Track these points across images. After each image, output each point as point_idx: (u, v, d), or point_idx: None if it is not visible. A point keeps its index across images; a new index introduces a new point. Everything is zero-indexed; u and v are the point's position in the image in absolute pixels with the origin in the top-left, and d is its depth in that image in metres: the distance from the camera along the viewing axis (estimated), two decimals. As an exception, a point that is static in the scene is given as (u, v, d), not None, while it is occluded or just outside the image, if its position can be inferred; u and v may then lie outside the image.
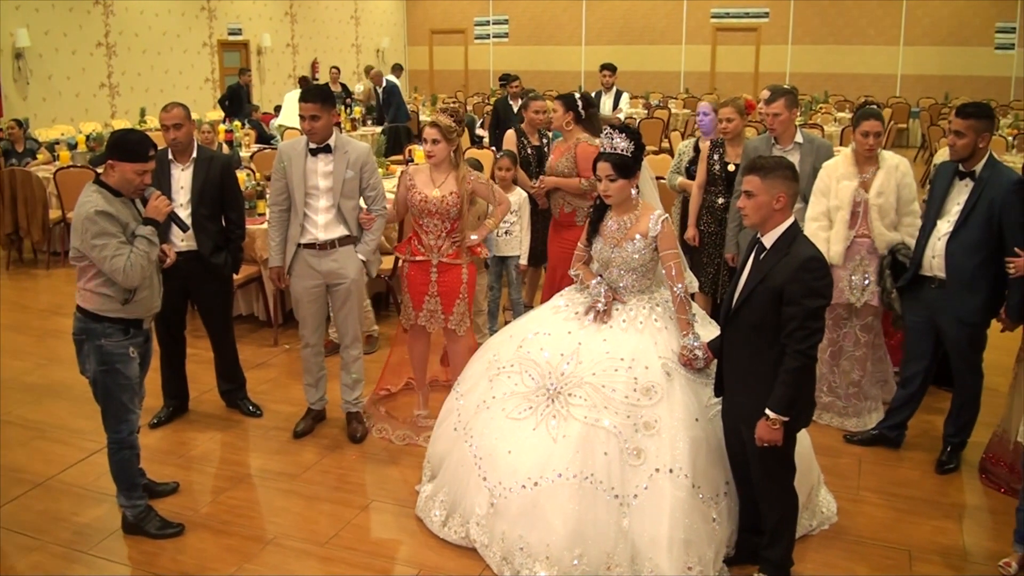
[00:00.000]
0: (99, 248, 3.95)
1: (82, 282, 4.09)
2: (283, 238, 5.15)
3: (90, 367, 4.13)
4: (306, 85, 14.93)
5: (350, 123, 14.56)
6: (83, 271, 4.08)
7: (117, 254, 3.96)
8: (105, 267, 3.97)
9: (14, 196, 9.51)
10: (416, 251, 5.16)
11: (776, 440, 3.49)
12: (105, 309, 4.07)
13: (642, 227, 4.15)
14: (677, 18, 22.12)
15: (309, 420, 5.50)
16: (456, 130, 5.02)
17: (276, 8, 19.89)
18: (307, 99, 4.94)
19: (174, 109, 5.27)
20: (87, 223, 3.95)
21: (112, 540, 4.31)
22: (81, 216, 3.97)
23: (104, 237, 3.95)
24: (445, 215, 5.01)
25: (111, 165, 4.05)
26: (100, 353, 4.09)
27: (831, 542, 4.25)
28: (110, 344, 4.09)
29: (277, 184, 5.11)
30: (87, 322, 4.09)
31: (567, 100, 6.12)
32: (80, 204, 4.02)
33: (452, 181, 5.01)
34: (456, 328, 5.20)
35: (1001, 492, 4.69)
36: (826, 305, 3.50)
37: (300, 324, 5.35)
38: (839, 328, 5.40)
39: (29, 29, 13.69)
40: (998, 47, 19.51)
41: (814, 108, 16.77)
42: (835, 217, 5.17)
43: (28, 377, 6.41)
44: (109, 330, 4.09)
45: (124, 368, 4.14)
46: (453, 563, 4.07)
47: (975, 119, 4.56)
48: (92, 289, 4.05)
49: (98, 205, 3.97)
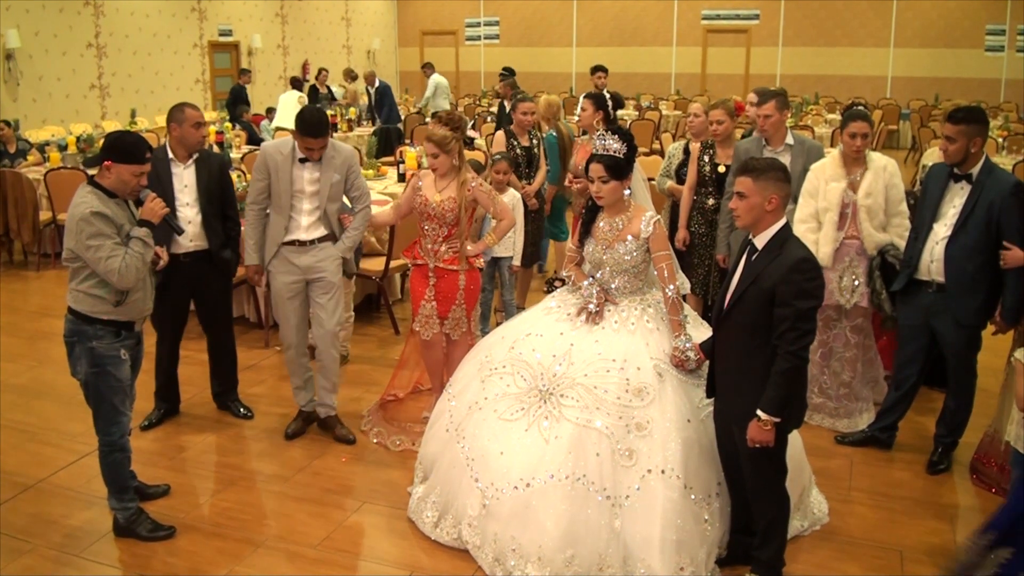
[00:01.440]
0: (94, 249, 3.94)
1: (74, 283, 4.07)
2: (261, 236, 5.16)
3: (81, 369, 4.11)
4: (298, 85, 15.00)
5: (346, 124, 14.54)
6: (76, 272, 4.06)
7: (112, 255, 3.95)
8: (99, 268, 3.96)
9: (4, 198, 9.47)
10: (418, 255, 5.18)
11: (767, 441, 3.50)
12: (97, 311, 4.06)
13: (634, 228, 4.16)
14: (668, 20, 22.16)
15: (300, 421, 5.49)
16: (453, 137, 4.98)
17: (267, 9, 19.85)
18: (317, 135, 4.86)
19: (197, 109, 5.34)
20: (82, 224, 3.93)
21: (103, 543, 4.29)
22: (76, 217, 3.95)
23: (99, 238, 3.94)
24: (442, 220, 5.01)
25: (107, 167, 4.03)
26: (91, 355, 4.08)
27: (823, 543, 4.26)
28: (101, 346, 4.08)
29: (259, 184, 5.08)
30: (78, 324, 4.07)
31: (598, 100, 6.16)
32: (74, 205, 4.00)
33: (453, 187, 5.01)
34: (450, 332, 5.20)
35: (992, 492, 4.71)
36: (817, 306, 3.50)
37: (280, 325, 5.32)
38: (829, 329, 5.41)
39: (19, 30, 13.62)
40: (988, 49, 19.59)
41: (805, 110, 16.80)
42: (824, 219, 5.18)
43: (19, 379, 6.39)
44: (100, 332, 4.08)
45: (115, 370, 4.13)
46: (445, 564, 4.07)
47: (966, 124, 4.57)
48: (84, 290, 4.04)
49: (93, 206, 3.95)
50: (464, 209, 5.02)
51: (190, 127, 5.23)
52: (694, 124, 6.77)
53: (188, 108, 5.25)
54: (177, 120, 5.23)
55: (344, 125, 14.31)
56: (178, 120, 5.22)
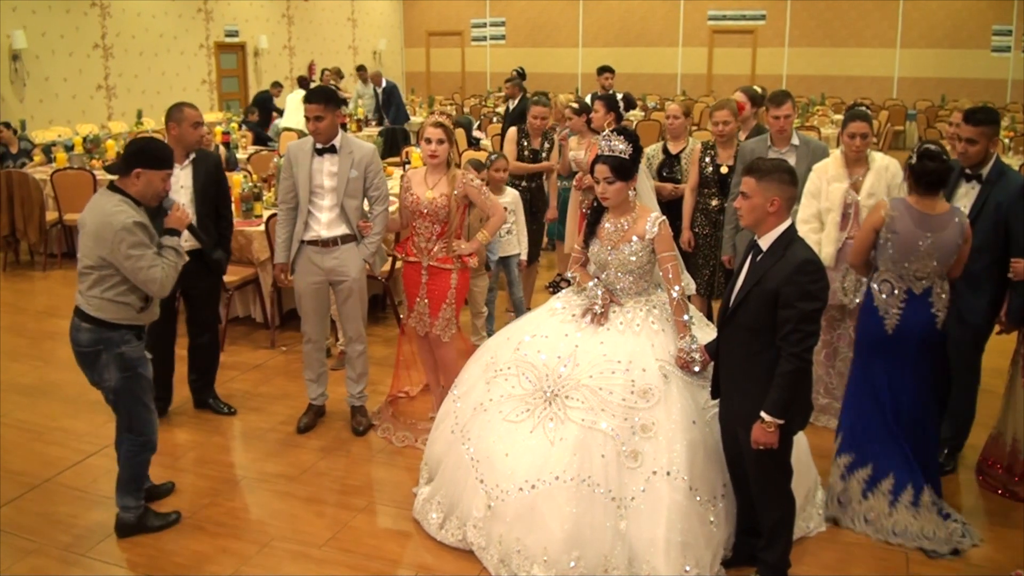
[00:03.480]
0: (135, 259, 3.96)
1: (98, 291, 4.03)
2: (289, 235, 5.25)
3: (111, 376, 4.11)
4: (305, 85, 14.98)
5: (356, 124, 14.54)
6: (101, 280, 4.02)
7: (153, 265, 4.00)
8: (140, 277, 3.99)
9: (11, 198, 9.49)
10: (410, 252, 5.19)
11: (772, 443, 3.49)
12: (121, 317, 4.07)
13: (639, 229, 4.16)
14: (674, 20, 22.15)
15: (311, 415, 5.58)
16: (453, 132, 5.09)
17: (273, 10, 19.88)
18: (311, 100, 5.02)
19: (196, 108, 5.36)
20: (123, 233, 3.92)
21: (109, 543, 4.31)
22: (115, 226, 3.92)
23: (140, 248, 3.97)
24: (434, 217, 5.03)
25: (138, 174, 4.05)
26: (122, 360, 4.10)
27: (828, 544, 4.25)
28: (130, 350, 4.11)
29: (285, 183, 5.23)
30: (103, 331, 4.06)
31: (609, 102, 6.20)
32: (109, 213, 3.97)
33: (445, 183, 5.03)
34: (441, 334, 5.18)
35: (998, 494, 4.70)
36: (822, 308, 3.50)
37: (302, 320, 5.43)
38: (833, 330, 5.40)
39: (26, 31, 13.66)
40: (994, 49, 19.54)
41: (811, 111, 16.77)
42: (826, 219, 5.18)
43: (25, 379, 6.40)
44: (127, 336, 4.11)
45: (144, 371, 4.20)
46: (450, 565, 4.08)
47: (986, 125, 4.58)
48: (111, 298, 4.03)
49: (132, 216, 3.98)
50: (456, 206, 5.04)
51: (188, 126, 5.26)
52: (674, 126, 6.78)
53: (187, 108, 5.29)
54: (176, 119, 5.26)
55: (353, 125, 14.32)
56: (177, 119, 5.25)
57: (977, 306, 4.66)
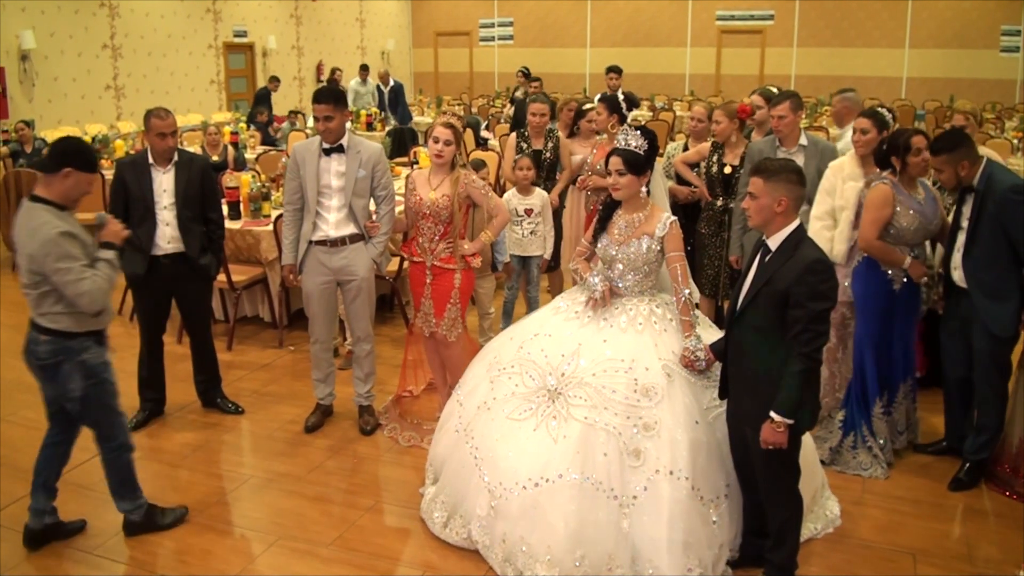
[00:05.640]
0: (63, 272, 3.76)
1: (46, 306, 3.88)
2: (296, 236, 5.25)
3: (75, 386, 3.99)
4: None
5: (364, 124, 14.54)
6: (43, 297, 3.86)
7: (81, 278, 3.79)
8: (68, 292, 3.80)
9: (20, 196, 9.52)
10: (415, 252, 5.20)
11: (780, 443, 3.49)
12: (80, 325, 3.94)
13: (650, 227, 4.16)
14: (682, 20, 22.13)
15: (319, 414, 5.59)
16: (462, 135, 5.09)
17: (281, 10, 19.92)
18: (320, 100, 5.03)
19: (169, 116, 5.30)
20: (49, 246, 3.73)
21: (117, 541, 4.32)
22: (41, 238, 3.74)
23: (67, 260, 3.76)
24: (437, 217, 5.04)
25: (67, 173, 3.85)
26: (84, 368, 3.98)
27: (835, 545, 4.24)
28: (91, 357, 4.00)
29: (291, 184, 5.22)
30: (61, 342, 3.92)
31: (611, 103, 6.20)
32: (34, 229, 3.78)
33: (448, 184, 5.03)
34: (447, 334, 5.20)
35: (1006, 495, 4.68)
36: (831, 308, 3.49)
37: (310, 320, 5.43)
38: (844, 328, 5.39)
39: (35, 31, 13.69)
40: (1003, 49, 19.48)
41: (819, 111, 16.74)
42: (840, 217, 5.17)
43: (30, 377, 6.34)
44: (86, 343, 3.98)
45: (108, 375, 4.09)
46: (457, 565, 4.08)
47: (948, 153, 4.59)
48: (61, 311, 3.88)
49: (59, 226, 3.77)
50: (458, 206, 5.04)
51: (154, 136, 5.24)
52: (697, 129, 6.78)
53: (154, 118, 5.24)
54: (146, 127, 5.29)
55: (361, 125, 14.32)
56: (146, 127, 5.29)
57: (1000, 316, 4.58)
